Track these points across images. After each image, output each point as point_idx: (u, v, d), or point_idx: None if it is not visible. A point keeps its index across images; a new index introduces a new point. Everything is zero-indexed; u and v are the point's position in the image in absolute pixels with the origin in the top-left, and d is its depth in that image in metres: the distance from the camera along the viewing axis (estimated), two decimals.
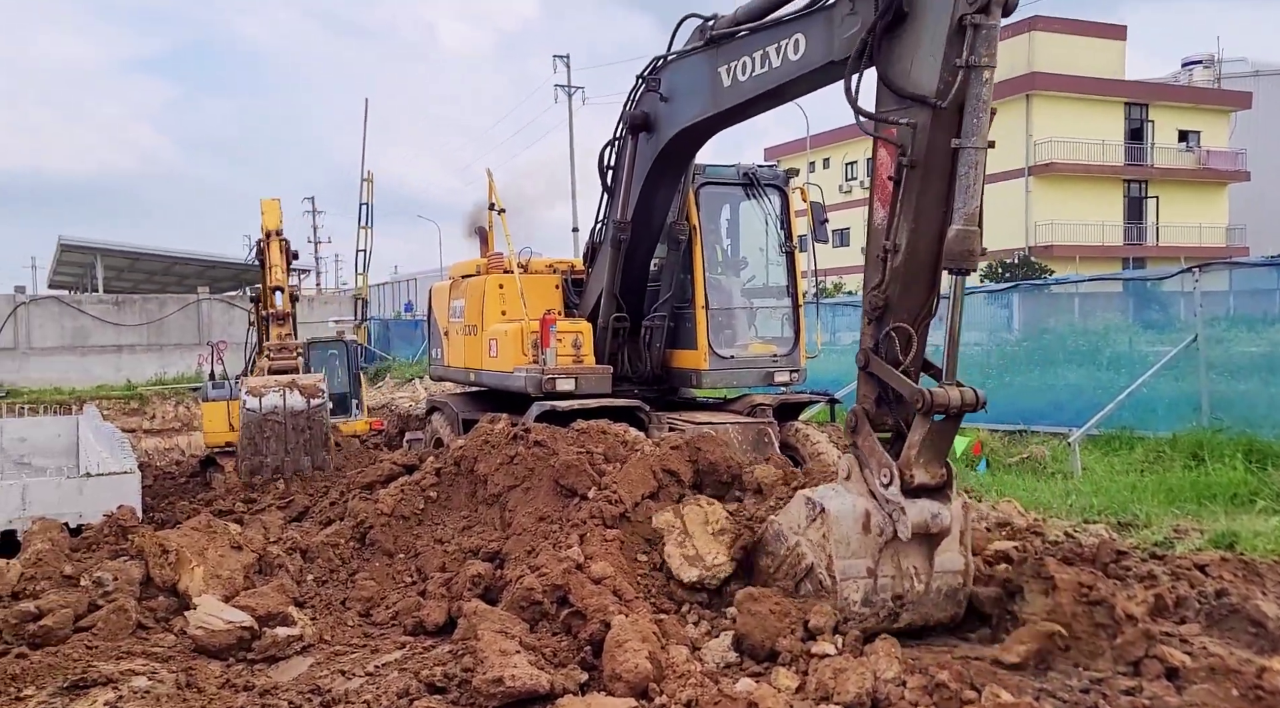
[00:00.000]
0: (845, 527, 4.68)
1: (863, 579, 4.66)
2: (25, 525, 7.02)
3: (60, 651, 4.30)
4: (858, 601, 4.64)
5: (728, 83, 6.63)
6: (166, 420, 20.67)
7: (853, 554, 4.66)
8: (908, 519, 4.57)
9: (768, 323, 9.21)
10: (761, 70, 6.26)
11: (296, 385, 8.55)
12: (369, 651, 4.71)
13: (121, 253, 34.75)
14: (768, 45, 6.15)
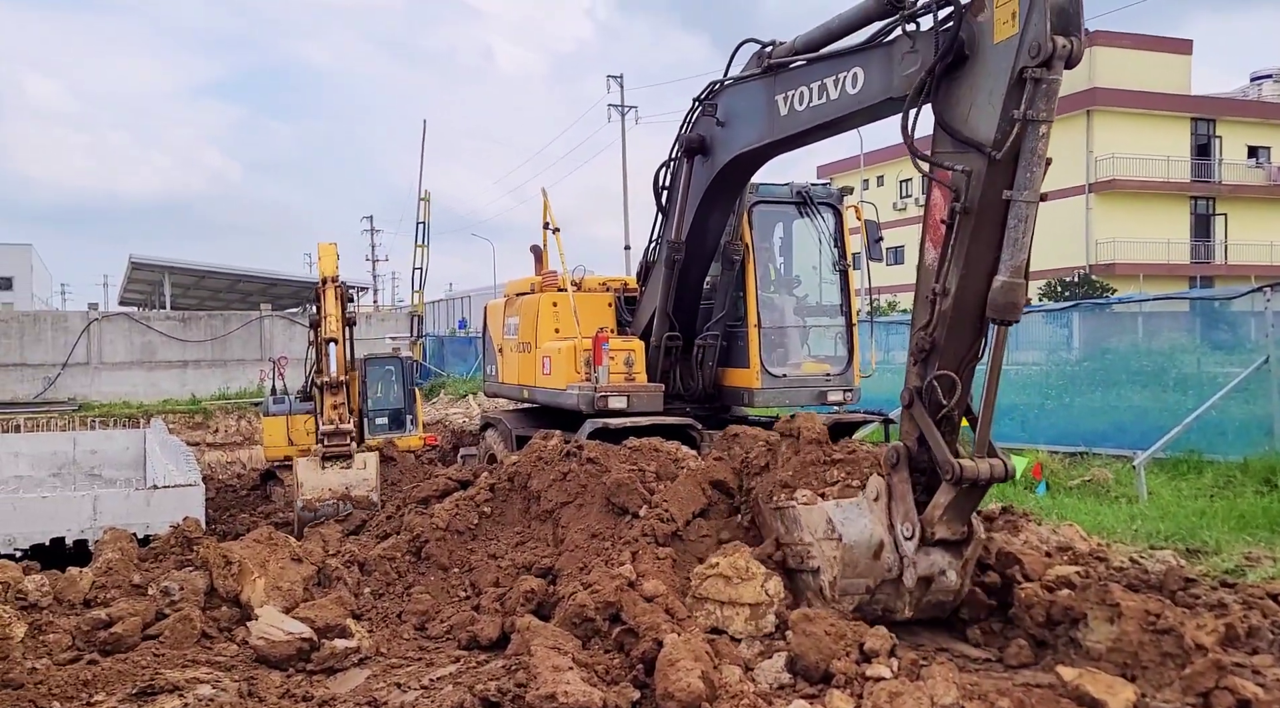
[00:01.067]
0: (858, 553, 4.88)
1: (860, 595, 4.92)
2: (96, 535, 7.26)
3: (129, 658, 4.43)
4: (849, 609, 4.90)
5: (784, 111, 6.64)
6: (229, 434, 21.19)
7: (858, 575, 4.90)
8: (915, 572, 4.82)
9: (821, 342, 9.18)
10: (819, 102, 6.26)
11: (350, 498, 8.61)
12: (424, 664, 4.76)
13: (188, 271, 35.83)
14: (826, 77, 6.15)
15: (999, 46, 4.66)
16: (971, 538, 4.95)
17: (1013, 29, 4.57)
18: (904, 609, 4.97)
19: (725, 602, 5.00)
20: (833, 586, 4.89)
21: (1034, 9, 4.46)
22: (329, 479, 8.86)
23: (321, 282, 11.24)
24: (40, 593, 4.95)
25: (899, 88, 5.37)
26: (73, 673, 4.17)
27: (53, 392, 26.53)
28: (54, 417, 20.18)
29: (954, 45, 4.83)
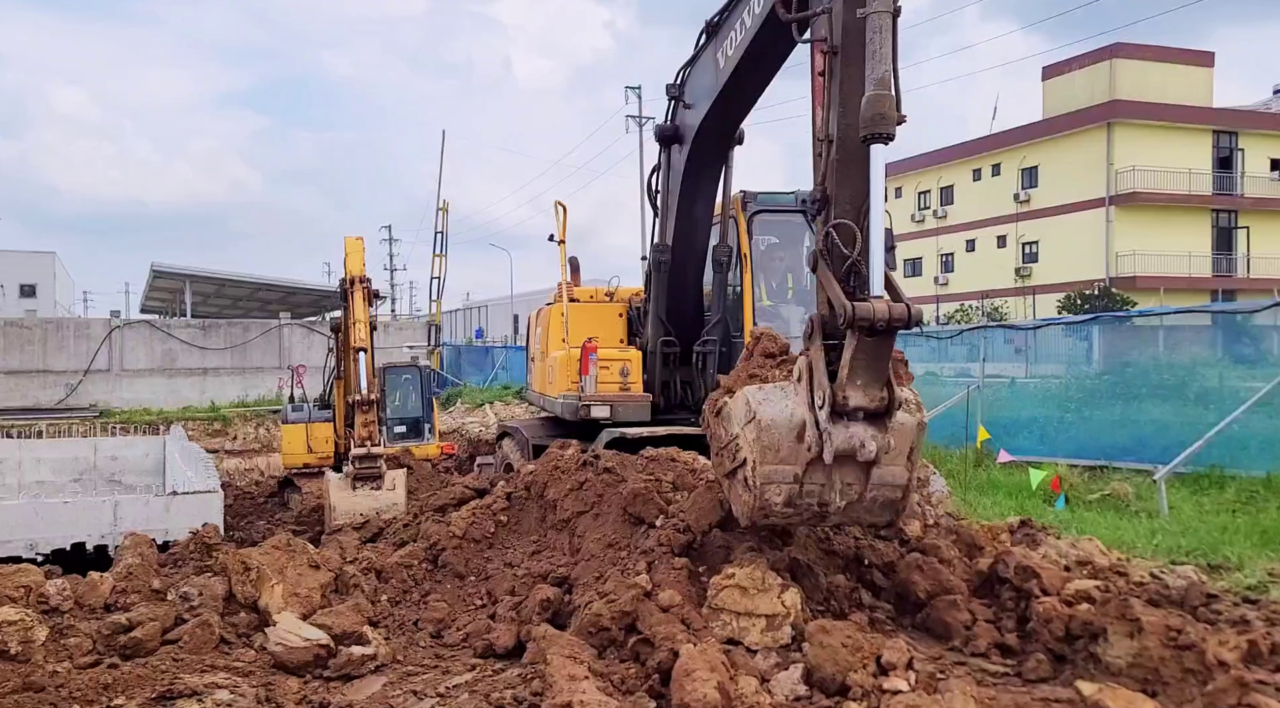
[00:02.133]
0: (777, 434, 4.58)
1: (787, 485, 4.61)
2: (116, 540, 7.33)
3: (149, 662, 4.46)
4: (779, 503, 4.63)
5: (722, 64, 6.67)
6: (247, 441, 21.35)
7: (781, 461, 4.58)
8: (831, 446, 4.47)
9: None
10: (740, 38, 6.30)
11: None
12: (440, 672, 4.77)
13: (208, 279, 36.18)
14: (742, 11, 6.25)
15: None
16: (892, 406, 4.53)
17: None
18: (836, 500, 4.62)
19: (741, 613, 4.98)
20: (754, 472, 4.59)
21: None
22: (360, 502, 8.89)
23: (349, 282, 10.45)
24: (61, 597, 5.00)
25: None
26: (93, 677, 4.20)
27: (75, 398, 26.81)
28: (76, 423, 20.39)
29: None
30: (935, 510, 7.95)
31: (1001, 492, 10.77)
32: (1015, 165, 45.78)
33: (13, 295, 74.01)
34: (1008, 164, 46.43)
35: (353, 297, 10.26)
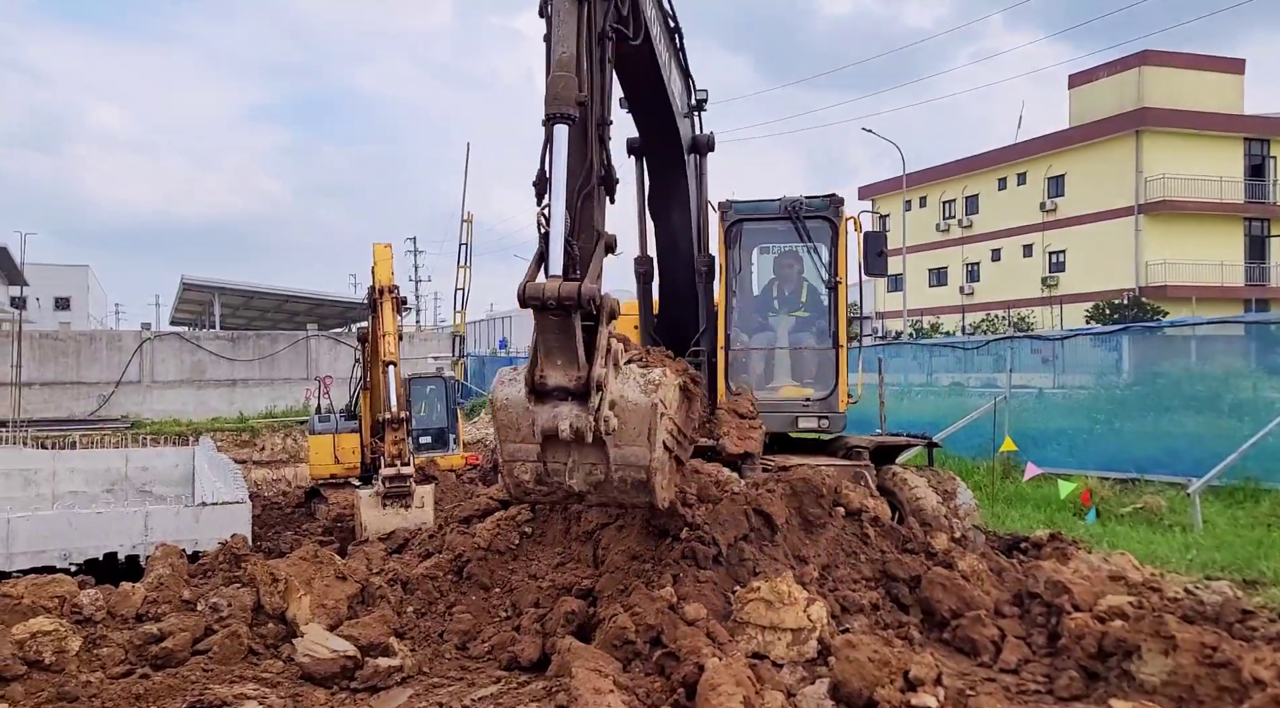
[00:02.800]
0: (514, 413, 4.65)
1: (531, 463, 4.69)
2: (147, 550, 7.41)
3: (179, 673, 4.50)
4: (529, 481, 4.75)
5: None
6: (275, 452, 21.53)
7: (522, 439, 4.66)
8: (536, 425, 4.54)
9: (803, 364, 8.67)
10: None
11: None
12: (466, 684, 4.78)
13: (237, 291, 36.62)
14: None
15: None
16: (590, 387, 4.44)
17: None
18: (568, 478, 4.63)
19: (767, 627, 4.96)
20: (497, 452, 4.71)
21: None
22: (390, 520, 8.94)
23: (378, 291, 10.18)
24: (94, 607, 5.06)
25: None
26: (125, 687, 4.25)
27: (107, 409, 27.19)
28: (107, 434, 20.67)
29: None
30: (962, 523, 7.87)
31: (1030, 504, 10.64)
32: (1041, 174, 45.39)
33: (47, 308, 75.27)
34: (1034, 173, 46.05)
35: (381, 307, 10.06)
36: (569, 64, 4.58)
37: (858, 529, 6.23)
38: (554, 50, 4.66)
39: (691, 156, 8.01)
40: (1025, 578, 5.72)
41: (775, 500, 6.00)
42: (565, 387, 4.52)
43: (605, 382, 4.53)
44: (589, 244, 4.74)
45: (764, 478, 6.76)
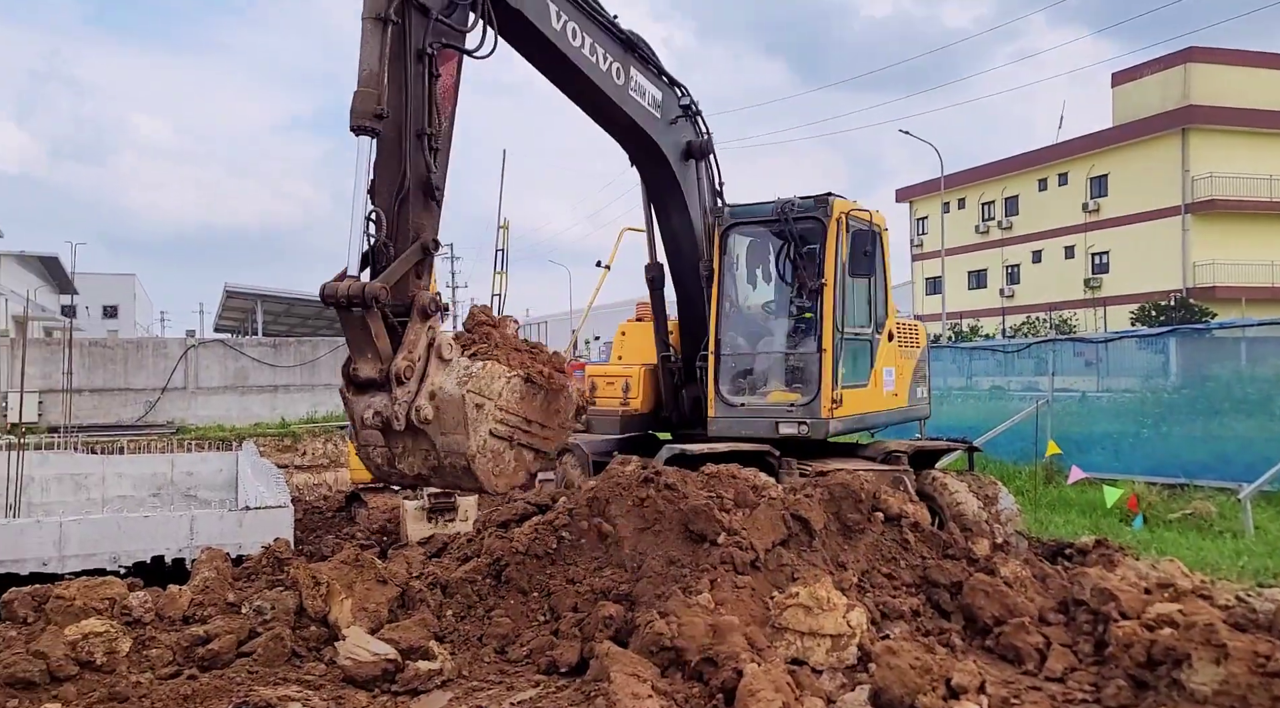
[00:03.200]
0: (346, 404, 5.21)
1: (380, 447, 5.21)
2: (193, 554, 7.54)
3: (225, 674, 4.57)
4: (382, 463, 5.26)
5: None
6: (316, 457, 21.81)
7: (371, 426, 5.09)
8: (353, 414, 5.05)
9: (790, 369, 8.51)
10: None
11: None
12: (505, 688, 4.80)
13: (278, 298, 37.20)
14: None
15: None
16: (391, 375, 4.86)
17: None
18: (418, 465, 5.12)
19: (806, 632, 4.93)
20: (354, 437, 5.24)
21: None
22: (434, 533, 9.06)
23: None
24: (143, 609, 5.16)
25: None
26: (174, 688, 4.33)
27: (153, 415, 27.74)
28: (154, 439, 21.07)
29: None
30: (1004, 529, 7.77)
31: (1074, 510, 10.46)
32: (1084, 174, 44.67)
33: (96, 316, 77.10)
34: (1076, 173, 45.33)
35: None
36: (369, 80, 5.03)
37: (897, 535, 6.17)
38: (360, 67, 5.09)
39: (689, 162, 8.06)
40: (1070, 585, 5.62)
41: (813, 506, 5.96)
42: (373, 378, 4.93)
43: (427, 373, 5.01)
44: (404, 246, 5.16)
45: (801, 483, 6.72)
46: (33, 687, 4.29)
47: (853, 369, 8.42)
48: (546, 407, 5.56)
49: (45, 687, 4.32)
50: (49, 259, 55.10)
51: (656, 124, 7.76)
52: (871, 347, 8.68)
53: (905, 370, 9.31)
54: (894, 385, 9.06)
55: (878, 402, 8.77)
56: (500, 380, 5.21)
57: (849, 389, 8.25)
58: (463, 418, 4.90)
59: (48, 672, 4.36)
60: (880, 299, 8.81)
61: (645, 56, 7.47)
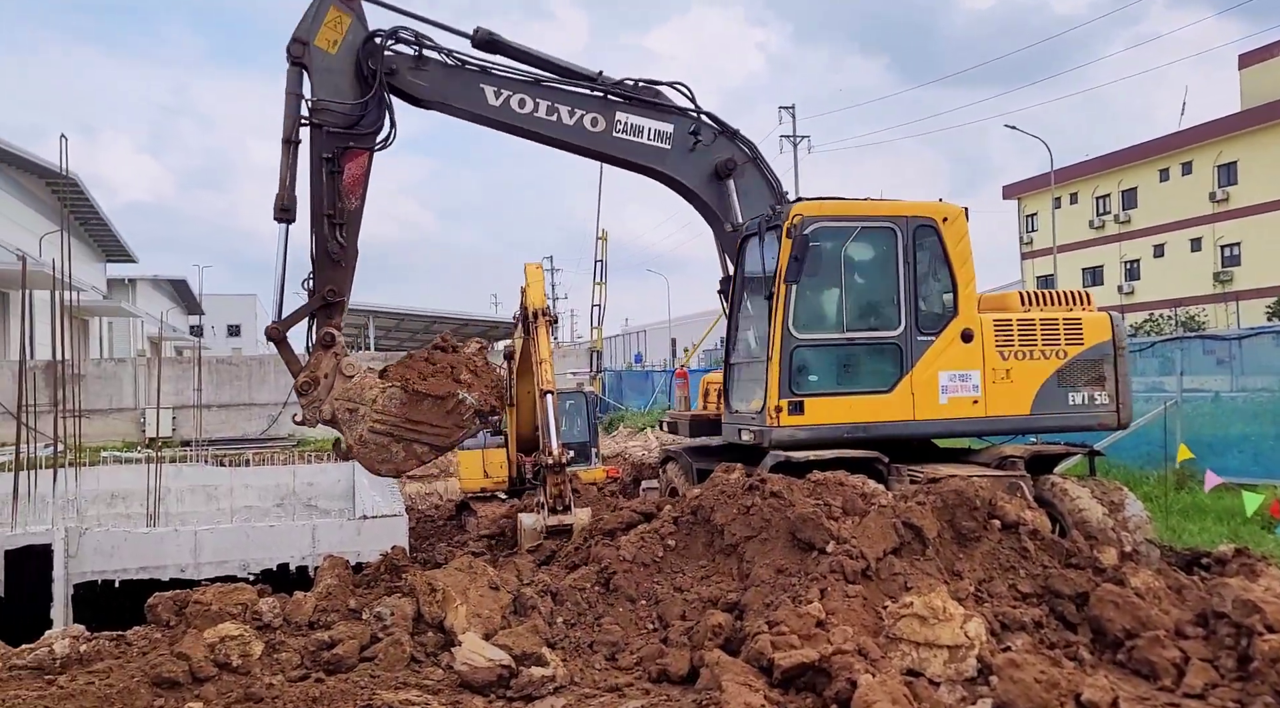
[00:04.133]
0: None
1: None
2: (315, 561, 7.86)
3: (349, 678, 4.75)
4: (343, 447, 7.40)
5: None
6: (426, 467, 22.42)
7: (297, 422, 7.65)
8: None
9: (754, 378, 8.41)
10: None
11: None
12: (616, 696, 4.83)
13: (389, 314, 38.60)
14: None
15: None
16: (297, 391, 7.31)
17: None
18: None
19: (922, 643, 4.79)
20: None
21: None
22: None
23: (532, 314, 9.56)
24: (272, 614, 5.42)
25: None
26: (303, 690, 4.52)
27: (275, 428, 29.10)
28: (276, 452, 22.08)
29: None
30: (1133, 537, 7.38)
31: (1210, 517, 9.87)
32: (1210, 162, 42.27)
33: (221, 335, 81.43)
34: (1200, 161, 42.93)
35: (537, 331, 9.42)
36: (281, 183, 7.16)
37: (1015, 543, 5.95)
38: (279, 173, 7.13)
39: (719, 181, 8.59)
40: (1209, 596, 5.30)
41: (925, 513, 5.80)
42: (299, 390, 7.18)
43: (334, 387, 7.20)
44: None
45: (912, 490, 6.56)
46: (177, 687, 4.56)
47: (838, 377, 8.13)
48: (438, 410, 7.19)
49: (188, 687, 4.57)
50: (179, 282, 58.60)
51: (665, 156, 8.41)
52: (902, 350, 8.07)
53: (1027, 374, 8.24)
54: (976, 392, 8.14)
55: (902, 411, 8.02)
56: (373, 391, 7.14)
57: (824, 397, 7.98)
58: (343, 419, 7.15)
59: (190, 672, 4.63)
60: (936, 297, 8.27)
61: (638, 98, 8.29)
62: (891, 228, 8.10)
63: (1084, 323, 8.43)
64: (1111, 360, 8.41)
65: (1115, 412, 8.45)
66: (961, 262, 8.19)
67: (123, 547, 7.76)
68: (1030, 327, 8.32)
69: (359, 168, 7.28)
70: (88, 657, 4.95)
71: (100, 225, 43.34)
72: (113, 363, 29.64)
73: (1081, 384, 8.32)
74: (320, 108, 7.21)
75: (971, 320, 8.16)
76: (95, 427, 25.01)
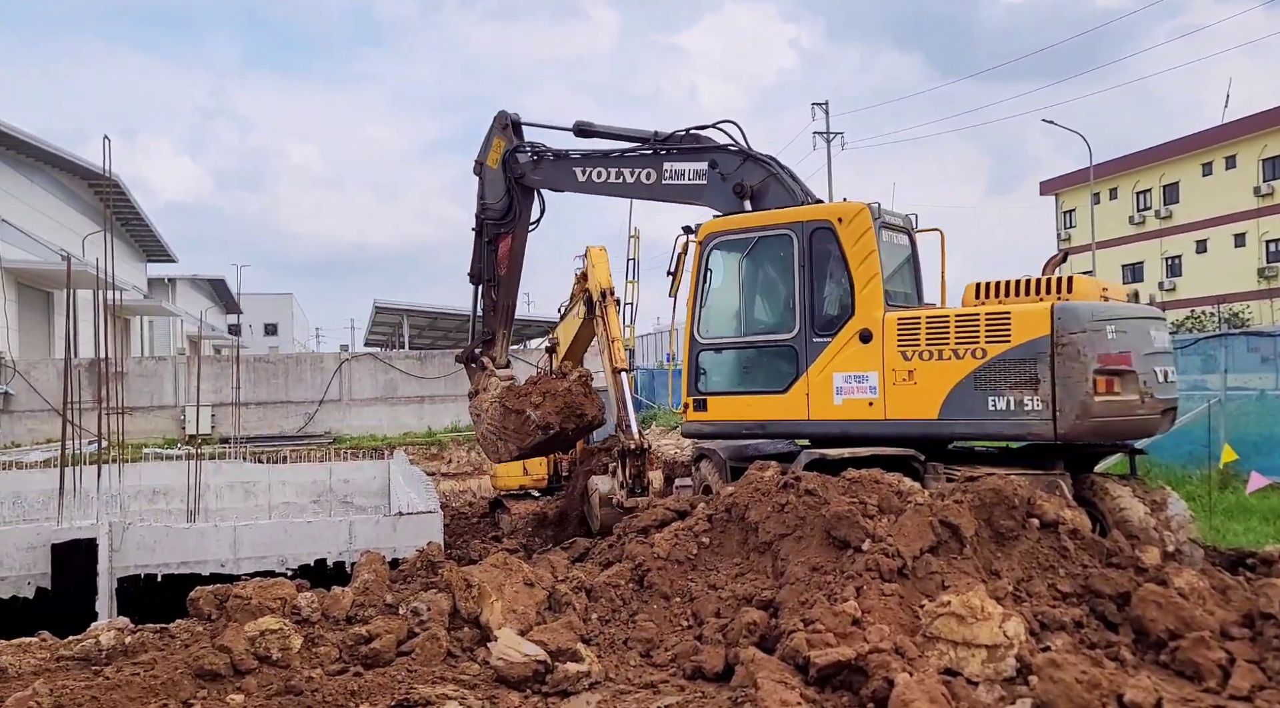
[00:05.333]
0: None
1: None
2: (352, 557, 7.95)
3: (387, 672, 4.80)
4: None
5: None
6: (460, 465, 22.62)
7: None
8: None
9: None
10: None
11: None
12: (651, 692, 4.84)
13: (423, 313, 38.89)
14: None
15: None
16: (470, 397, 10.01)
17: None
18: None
19: (960, 642, 4.75)
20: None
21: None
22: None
23: (600, 295, 10.05)
24: (311, 609, 5.48)
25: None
26: (341, 684, 4.58)
27: (312, 426, 29.46)
28: (313, 448, 22.37)
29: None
30: (1175, 537, 7.25)
31: (1256, 517, 9.67)
32: (1254, 156, 41.37)
33: (259, 333, 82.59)
34: (1245, 155, 42.03)
35: (605, 311, 9.93)
36: (473, 258, 10.59)
37: (1054, 541, 5.87)
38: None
39: (739, 204, 8.99)
40: (1255, 597, 5.20)
41: (962, 511, 5.74)
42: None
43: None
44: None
45: (949, 488, 6.49)
46: (219, 678, 4.63)
47: (736, 377, 8.85)
48: (516, 422, 9.87)
49: (229, 679, 4.65)
50: (217, 281, 59.52)
51: (703, 191, 9.16)
52: (797, 352, 8.12)
53: (934, 376, 7.44)
54: (874, 394, 7.72)
55: (796, 410, 8.06)
56: (488, 404, 10.25)
57: (726, 396, 8.71)
58: (474, 421, 9.97)
59: (231, 665, 4.70)
60: (832, 299, 8.14)
61: (680, 147, 9.30)
62: (788, 234, 8.26)
63: (1013, 317, 7.13)
64: (1048, 360, 6.94)
65: (1051, 420, 6.94)
66: (859, 261, 7.89)
67: (164, 542, 7.90)
68: (942, 324, 7.43)
69: (507, 246, 10.09)
70: (133, 649, 5.05)
71: (141, 226, 44.15)
72: (153, 361, 30.16)
73: (1005, 388, 7.10)
74: (484, 207, 10.36)
75: (870, 320, 7.77)
76: (137, 423, 25.48)
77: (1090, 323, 6.92)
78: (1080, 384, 6.87)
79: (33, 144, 31.22)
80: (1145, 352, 7.28)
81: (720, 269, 8.78)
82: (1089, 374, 6.86)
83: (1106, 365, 6.93)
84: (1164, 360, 7.60)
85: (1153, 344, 7.44)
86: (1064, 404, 6.92)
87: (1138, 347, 7.20)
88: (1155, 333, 7.59)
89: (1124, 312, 7.34)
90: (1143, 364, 7.19)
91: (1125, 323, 7.18)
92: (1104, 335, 6.96)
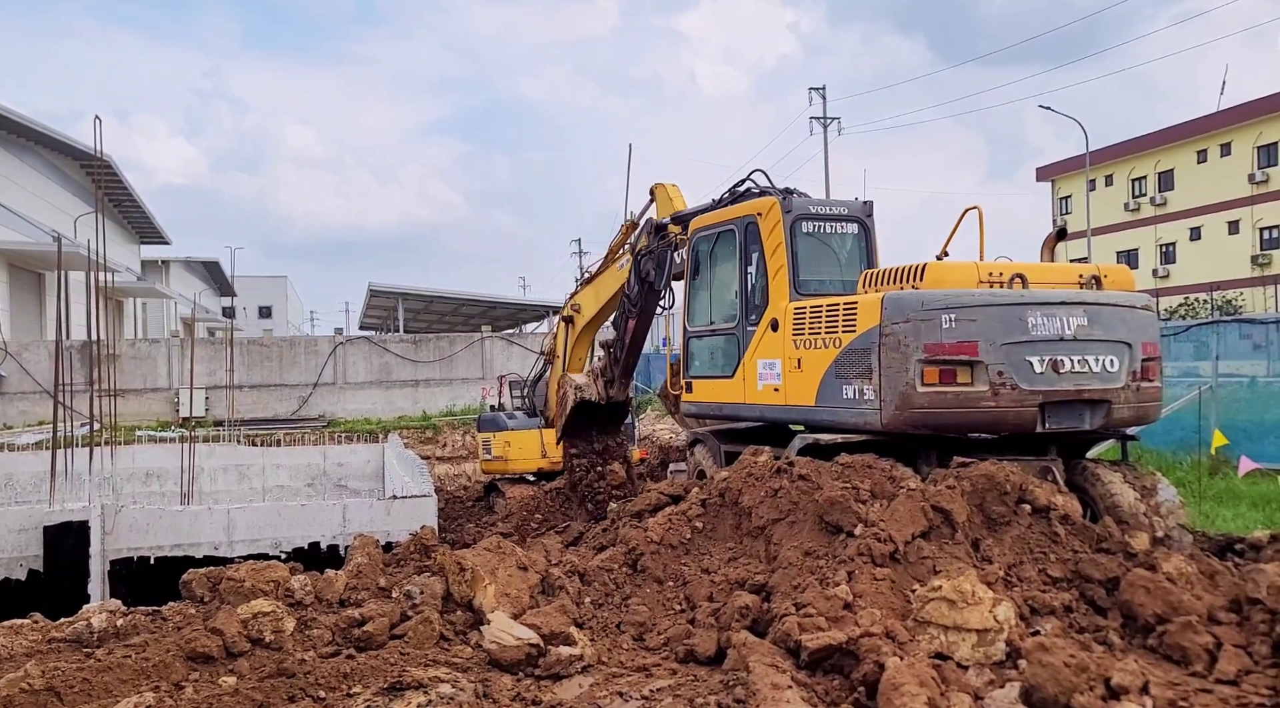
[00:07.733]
0: None
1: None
2: (346, 540, 7.97)
3: (380, 655, 4.82)
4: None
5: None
6: (455, 448, 22.62)
7: None
8: None
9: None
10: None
11: None
12: (644, 675, 4.87)
13: (418, 296, 38.79)
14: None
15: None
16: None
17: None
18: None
19: (950, 627, 4.77)
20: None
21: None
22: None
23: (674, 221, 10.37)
24: (304, 592, 5.49)
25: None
26: (334, 666, 4.59)
27: (306, 409, 29.43)
28: (307, 432, 22.36)
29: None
30: (1165, 522, 7.29)
31: (1245, 503, 9.73)
32: (1249, 143, 41.36)
33: (253, 316, 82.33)
34: (1240, 142, 42.02)
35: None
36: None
37: (1046, 527, 5.90)
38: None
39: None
40: (1243, 582, 5.23)
41: (955, 497, 5.77)
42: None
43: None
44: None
45: (942, 474, 6.51)
46: (211, 661, 4.64)
47: (708, 362, 9.28)
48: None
49: (222, 661, 4.66)
50: (211, 264, 59.29)
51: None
52: (738, 341, 8.63)
53: (813, 364, 7.54)
54: (779, 380, 7.94)
55: (738, 394, 8.60)
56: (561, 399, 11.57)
57: (702, 379, 9.28)
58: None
59: (224, 647, 4.71)
60: (759, 289, 8.38)
61: (732, 199, 9.29)
62: (732, 229, 8.80)
63: (859, 308, 7.14)
64: (875, 350, 6.93)
65: (878, 410, 6.94)
66: (770, 252, 8.28)
67: (157, 524, 7.90)
68: (817, 315, 7.56)
69: (633, 322, 10.92)
70: (124, 631, 5.05)
71: (134, 207, 43.90)
72: (147, 343, 30.06)
73: (852, 377, 7.21)
74: (625, 294, 10.95)
75: (777, 310, 8.12)
76: (130, 406, 25.41)
77: (918, 313, 6.66)
78: (900, 375, 6.74)
79: (24, 124, 30.98)
80: (1009, 340, 6.72)
81: (702, 262, 9.30)
82: (910, 364, 6.69)
83: (936, 355, 6.65)
84: (1067, 349, 6.89)
85: (1031, 333, 6.76)
86: (886, 395, 6.85)
87: (995, 336, 6.69)
88: (1063, 320, 6.87)
89: (980, 299, 6.76)
90: (1000, 354, 6.69)
91: (979, 310, 6.70)
92: (935, 325, 6.66)
